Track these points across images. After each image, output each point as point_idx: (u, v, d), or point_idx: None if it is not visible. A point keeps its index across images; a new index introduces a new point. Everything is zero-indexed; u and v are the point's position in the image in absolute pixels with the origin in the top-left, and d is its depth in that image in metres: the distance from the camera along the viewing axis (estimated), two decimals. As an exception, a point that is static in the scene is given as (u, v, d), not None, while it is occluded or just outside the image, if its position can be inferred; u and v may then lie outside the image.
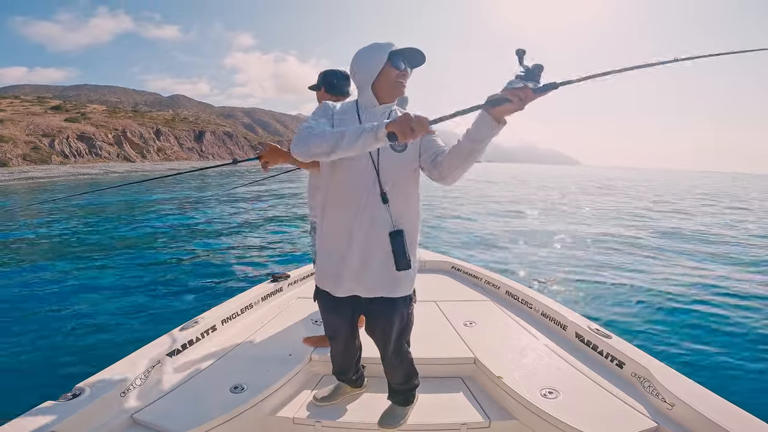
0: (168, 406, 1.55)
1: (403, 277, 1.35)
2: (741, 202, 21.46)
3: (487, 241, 8.57)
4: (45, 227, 8.70)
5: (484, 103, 1.08)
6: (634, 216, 13.31)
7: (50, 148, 51.62)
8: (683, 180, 61.27)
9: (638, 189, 29.70)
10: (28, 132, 52.55)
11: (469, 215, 12.37)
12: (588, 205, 16.69)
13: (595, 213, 14.00)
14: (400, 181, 1.33)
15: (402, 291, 1.39)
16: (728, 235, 10.24)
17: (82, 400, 1.39)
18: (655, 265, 6.82)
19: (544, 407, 1.54)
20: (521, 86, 1.02)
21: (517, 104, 1.03)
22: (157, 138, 75.50)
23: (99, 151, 58.66)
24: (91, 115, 68.94)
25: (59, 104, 74.70)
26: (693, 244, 8.75)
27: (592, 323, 2.10)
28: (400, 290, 1.38)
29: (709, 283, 5.81)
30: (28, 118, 56.96)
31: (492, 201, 17.26)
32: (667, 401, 1.50)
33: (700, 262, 7.13)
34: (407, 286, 1.40)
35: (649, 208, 16.26)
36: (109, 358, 1.67)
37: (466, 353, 1.99)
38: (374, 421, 1.57)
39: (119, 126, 67.94)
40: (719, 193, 29.46)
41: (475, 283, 3.11)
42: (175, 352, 1.86)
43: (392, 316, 1.41)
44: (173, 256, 6.43)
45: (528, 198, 19.67)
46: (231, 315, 2.29)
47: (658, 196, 23.71)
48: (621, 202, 18.76)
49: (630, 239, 8.94)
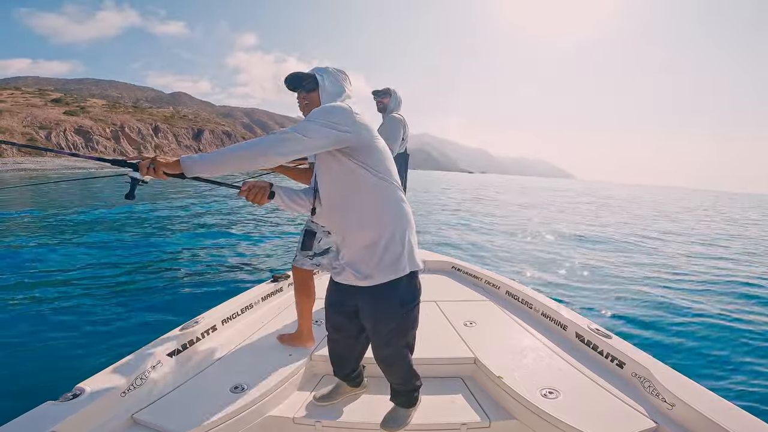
0: (168, 406, 1.55)
1: (371, 264, 1.37)
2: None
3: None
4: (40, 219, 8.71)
5: None
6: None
7: (46, 141, 51.54)
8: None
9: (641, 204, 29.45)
10: (26, 124, 52.64)
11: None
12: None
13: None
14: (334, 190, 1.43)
15: (376, 277, 1.38)
16: (728, 234, 10.24)
17: (82, 400, 1.39)
18: (656, 264, 6.82)
19: (545, 407, 1.54)
20: None
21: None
22: (156, 135, 75.61)
23: (95, 146, 58.71)
24: (91, 109, 69.05)
25: (59, 97, 74.79)
26: (693, 245, 8.75)
27: (592, 323, 2.11)
28: (374, 277, 1.38)
29: (710, 284, 5.82)
30: (27, 109, 57.02)
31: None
32: (667, 401, 1.50)
33: (700, 263, 7.13)
34: (381, 273, 1.37)
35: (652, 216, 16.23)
36: (109, 358, 1.67)
37: (466, 353, 1.99)
38: (374, 421, 1.57)
39: (118, 121, 68.03)
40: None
41: (475, 283, 3.11)
42: (175, 352, 1.86)
43: (372, 309, 1.44)
44: (173, 255, 6.43)
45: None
46: (231, 315, 2.29)
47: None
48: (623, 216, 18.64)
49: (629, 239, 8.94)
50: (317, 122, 1.27)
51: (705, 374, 3.18)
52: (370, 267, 1.37)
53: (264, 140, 1.25)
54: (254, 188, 1.40)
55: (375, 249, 1.36)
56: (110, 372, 1.57)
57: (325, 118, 1.28)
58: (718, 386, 2.93)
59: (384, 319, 1.43)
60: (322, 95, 1.46)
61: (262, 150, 1.23)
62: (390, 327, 1.44)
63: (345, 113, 1.32)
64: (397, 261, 1.37)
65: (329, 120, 1.28)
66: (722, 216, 21.35)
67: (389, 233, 1.36)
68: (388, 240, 1.36)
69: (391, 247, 1.36)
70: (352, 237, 1.41)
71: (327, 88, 1.46)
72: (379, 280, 1.38)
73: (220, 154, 1.25)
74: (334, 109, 1.33)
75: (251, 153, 1.23)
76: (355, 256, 1.40)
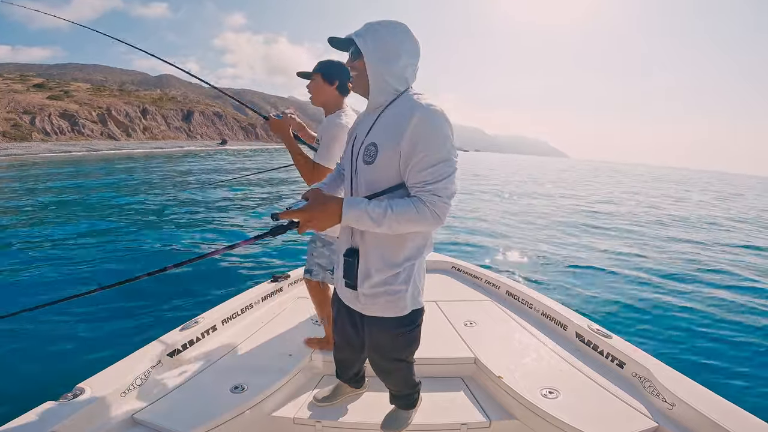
0: (168, 406, 1.55)
1: (371, 296, 1.23)
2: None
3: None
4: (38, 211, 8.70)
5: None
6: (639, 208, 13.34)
7: (31, 125, 50.70)
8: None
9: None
10: (9, 109, 51.50)
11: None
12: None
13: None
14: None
15: (372, 310, 1.26)
16: (729, 235, 10.25)
17: (83, 400, 1.39)
18: (655, 264, 6.82)
19: (545, 407, 1.54)
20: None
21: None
22: (144, 117, 74.15)
23: (82, 129, 57.39)
24: (75, 93, 67.85)
25: (42, 82, 73.81)
26: (693, 245, 8.76)
27: (592, 323, 2.11)
28: (370, 309, 1.27)
29: (709, 282, 5.82)
30: (9, 95, 55.89)
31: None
32: (668, 401, 1.50)
33: (700, 262, 7.14)
34: (378, 308, 1.25)
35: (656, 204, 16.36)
36: (109, 358, 1.67)
37: (466, 353, 1.99)
38: (374, 421, 1.57)
39: (104, 104, 66.52)
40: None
41: (476, 283, 3.11)
42: (175, 352, 1.86)
43: (368, 331, 1.34)
44: (173, 255, 6.42)
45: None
46: (231, 315, 2.29)
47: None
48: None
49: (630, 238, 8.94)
50: (451, 143, 1.08)
51: (705, 374, 3.18)
52: (368, 298, 1.24)
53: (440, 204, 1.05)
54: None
55: (382, 278, 1.21)
56: (110, 372, 1.58)
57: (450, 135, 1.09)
58: (718, 386, 2.93)
59: (379, 339, 1.34)
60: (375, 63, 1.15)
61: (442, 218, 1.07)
62: (385, 345, 1.36)
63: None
64: (400, 300, 1.22)
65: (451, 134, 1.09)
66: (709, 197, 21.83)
67: (406, 265, 1.21)
68: (400, 273, 1.20)
69: (396, 283, 1.21)
70: (374, 257, 1.21)
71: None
72: (376, 314, 1.27)
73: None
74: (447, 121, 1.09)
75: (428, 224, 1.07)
76: (362, 280, 1.24)
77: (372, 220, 1.05)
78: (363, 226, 1.09)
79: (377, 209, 1.05)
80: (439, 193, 1.04)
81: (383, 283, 1.21)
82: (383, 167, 1.12)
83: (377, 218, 1.04)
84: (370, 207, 1.05)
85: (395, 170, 1.11)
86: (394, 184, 1.12)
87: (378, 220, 1.05)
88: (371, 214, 1.05)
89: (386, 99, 1.15)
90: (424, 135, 1.04)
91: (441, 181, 1.04)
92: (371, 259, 1.20)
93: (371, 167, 1.14)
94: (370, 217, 1.05)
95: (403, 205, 1.05)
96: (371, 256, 1.20)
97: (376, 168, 1.13)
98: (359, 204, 1.07)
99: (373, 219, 1.05)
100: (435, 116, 1.06)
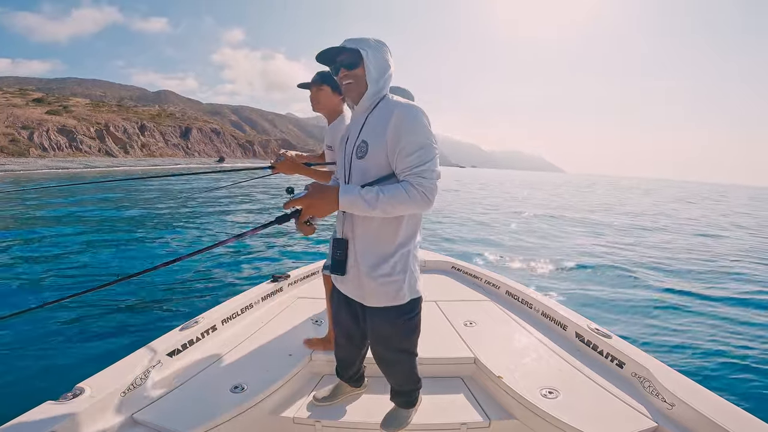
0: (168, 406, 1.55)
1: (369, 287, 1.29)
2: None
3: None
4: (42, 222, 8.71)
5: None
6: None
7: (29, 141, 50.82)
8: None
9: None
10: (8, 124, 51.66)
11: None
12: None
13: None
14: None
15: (372, 300, 1.32)
16: (728, 235, 10.25)
17: (82, 400, 1.38)
18: (655, 264, 6.82)
19: (544, 407, 1.54)
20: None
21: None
22: (142, 133, 74.43)
23: (80, 145, 57.74)
24: (74, 108, 68.01)
25: (41, 97, 73.89)
26: (693, 244, 8.75)
27: (592, 323, 2.11)
28: (370, 299, 1.32)
29: (710, 282, 5.82)
30: (8, 109, 56.09)
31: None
32: (667, 401, 1.50)
33: (700, 262, 7.13)
34: (379, 298, 1.30)
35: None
36: (109, 358, 1.67)
37: (466, 353, 1.99)
38: (374, 421, 1.57)
39: (102, 120, 66.74)
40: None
41: (475, 283, 3.11)
42: (175, 352, 1.86)
43: (369, 320, 1.39)
44: (172, 255, 6.43)
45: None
46: (231, 315, 2.29)
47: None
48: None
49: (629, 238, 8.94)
50: (429, 131, 1.20)
51: (705, 374, 3.18)
52: (369, 288, 1.30)
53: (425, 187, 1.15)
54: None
55: (379, 269, 1.27)
56: (110, 372, 1.57)
57: (430, 128, 1.21)
58: (718, 386, 2.93)
59: (381, 329, 1.39)
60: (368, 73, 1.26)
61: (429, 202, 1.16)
62: (387, 334, 1.40)
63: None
64: (399, 289, 1.29)
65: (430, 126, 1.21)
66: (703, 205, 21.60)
67: (399, 253, 1.28)
68: (396, 261, 1.28)
69: (394, 273, 1.28)
70: (364, 246, 1.29)
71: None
72: (376, 305, 1.33)
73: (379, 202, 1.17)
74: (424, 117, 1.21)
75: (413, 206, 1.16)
76: (360, 271, 1.31)
77: (366, 202, 1.14)
78: (358, 211, 1.17)
79: (370, 193, 1.15)
80: (424, 175, 1.14)
81: (381, 274, 1.28)
82: (374, 160, 1.24)
83: (371, 201, 1.14)
84: (363, 191, 1.15)
85: (384, 161, 1.23)
86: (384, 174, 1.24)
87: (371, 203, 1.14)
88: (365, 197, 1.14)
89: (371, 103, 1.29)
90: (405, 125, 1.17)
91: (425, 164, 1.15)
92: (361, 248, 1.30)
93: (363, 161, 1.26)
94: (364, 200, 1.14)
95: (394, 188, 1.15)
96: (361, 245, 1.30)
97: (368, 161, 1.25)
98: (353, 190, 1.16)
99: (367, 202, 1.14)
100: (413, 109, 1.19)
